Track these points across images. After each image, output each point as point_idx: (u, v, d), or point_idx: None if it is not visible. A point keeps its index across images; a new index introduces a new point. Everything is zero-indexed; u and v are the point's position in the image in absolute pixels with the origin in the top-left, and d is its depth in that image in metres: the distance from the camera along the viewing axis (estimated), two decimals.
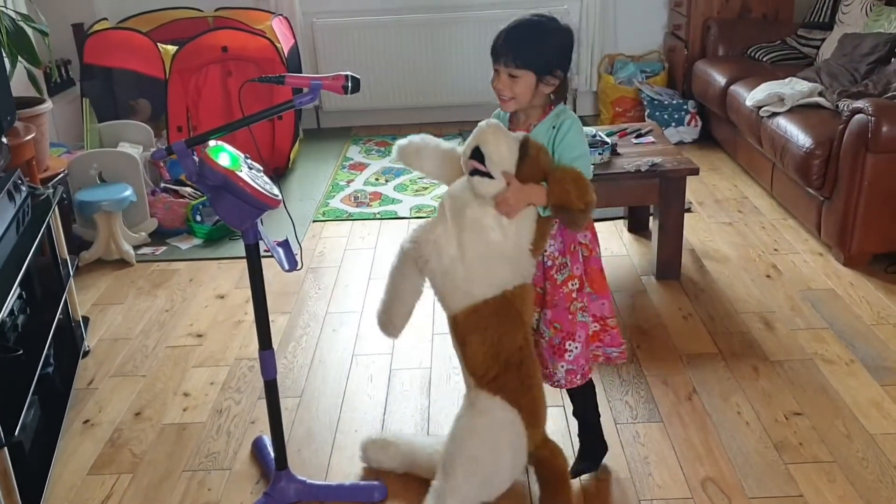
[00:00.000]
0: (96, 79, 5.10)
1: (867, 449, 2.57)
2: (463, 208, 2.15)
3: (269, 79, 2.17)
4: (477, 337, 2.21)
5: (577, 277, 2.31)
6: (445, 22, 5.88)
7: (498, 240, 2.14)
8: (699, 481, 2.47)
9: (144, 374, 3.15)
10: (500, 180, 2.10)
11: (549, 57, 2.20)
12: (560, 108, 2.25)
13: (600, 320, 2.40)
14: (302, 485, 2.47)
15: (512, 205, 2.11)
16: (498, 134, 2.12)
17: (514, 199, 2.11)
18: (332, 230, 4.43)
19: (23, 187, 2.99)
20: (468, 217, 2.14)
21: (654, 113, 5.46)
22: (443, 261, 2.15)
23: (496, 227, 2.13)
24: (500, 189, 2.11)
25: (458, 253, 2.15)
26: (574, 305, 2.31)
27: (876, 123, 3.46)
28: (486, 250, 2.15)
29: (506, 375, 2.24)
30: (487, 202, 2.13)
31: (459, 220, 2.15)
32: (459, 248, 2.15)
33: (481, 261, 2.15)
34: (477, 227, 2.14)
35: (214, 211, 2.14)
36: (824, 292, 3.53)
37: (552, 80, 2.20)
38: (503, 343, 2.22)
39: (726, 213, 4.39)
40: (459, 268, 2.15)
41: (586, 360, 2.38)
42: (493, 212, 2.12)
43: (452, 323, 2.25)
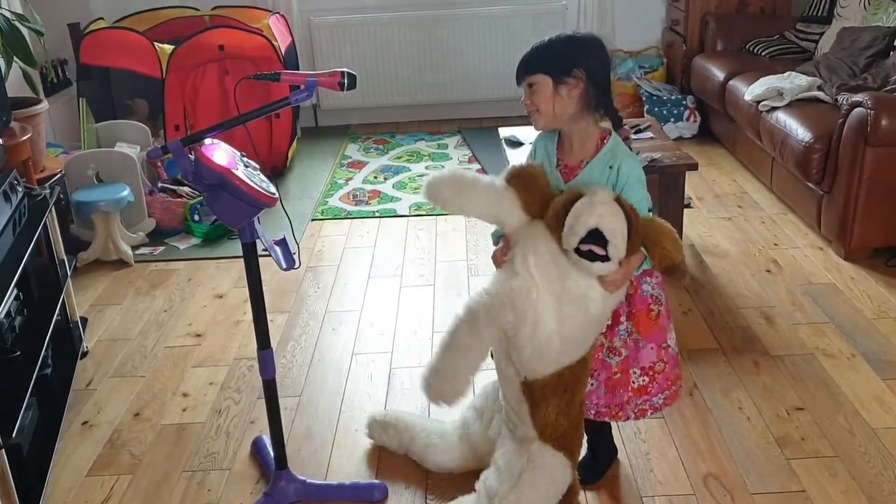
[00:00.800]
0: (93, 79, 5.08)
1: (869, 443, 2.56)
2: (563, 280, 1.98)
3: (265, 76, 2.16)
4: (555, 400, 2.10)
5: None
6: (443, 19, 5.87)
7: (597, 313, 2.03)
8: (701, 477, 2.46)
9: (143, 375, 3.14)
10: (615, 263, 1.95)
11: (562, 56, 2.06)
12: (614, 142, 2.11)
13: (648, 371, 2.26)
14: (302, 484, 2.45)
15: (619, 285, 2.00)
16: (616, 213, 1.93)
17: (623, 278, 2.00)
18: (330, 229, 4.42)
19: (19, 188, 2.97)
20: (571, 289, 1.98)
21: (653, 108, 5.45)
22: (538, 334, 1.99)
23: (598, 300, 2.00)
24: (612, 270, 1.96)
25: (556, 327, 1.99)
26: (597, 340, 2.18)
27: (875, 117, 3.45)
28: (585, 323, 2.03)
29: (572, 432, 2.18)
30: (590, 275, 1.97)
31: (559, 291, 1.98)
32: (559, 322, 1.99)
33: (579, 332, 2.03)
34: (580, 300, 1.99)
35: (211, 210, 2.12)
36: (825, 287, 3.52)
37: (572, 80, 2.04)
38: (575, 401, 2.15)
39: (726, 209, 4.38)
40: (556, 340, 2.00)
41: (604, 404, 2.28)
42: (597, 284, 1.98)
43: (528, 385, 2.10)
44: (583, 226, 1.91)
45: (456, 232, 4.25)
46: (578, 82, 2.05)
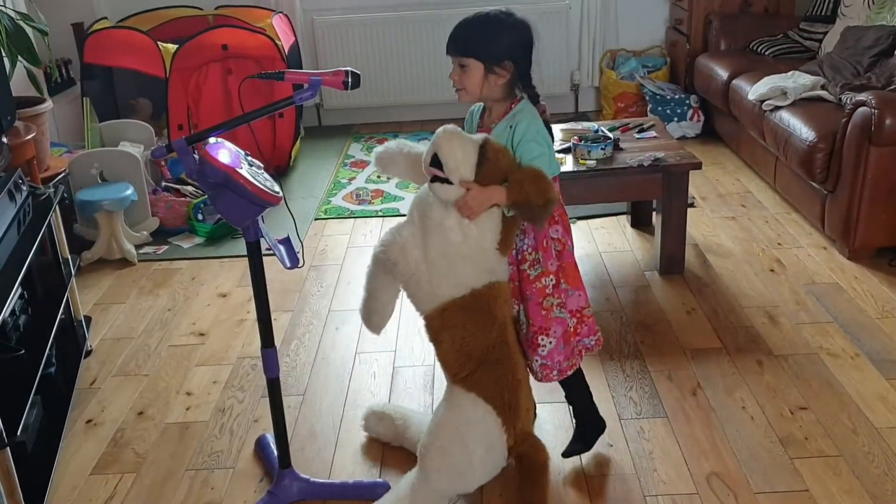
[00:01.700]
0: (97, 78, 5.09)
1: (873, 443, 2.56)
2: (427, 211, 2.21)
3: (269, 75, 2.17)
4: (447, 335, 2.26)
5: (552, 273, 2.34)
6: (447, 18, 5.86)
7: (458, 241, 2.18)
8: (704, 476, 2.46)
9: (147, 374, 3.15)
10: (458, 186, 2.14)
11: (497, 47, 2.22)
12: (519, 107, 2.28)
13: (576, 313, 2.42)
14: (305, 483, 2.46)
15: (473, 208, 2.14)
16: (453, 140, 2.15)
17: (473, 202, 2.14)
18: (334, 228, 4.42)
19: (23, 187, 2.98)
20: (431, 220, 2.19)
21: (657, 108, 5.45)
22: (409, 264, 2.20)
23: (457, 229, 2.17)
24: (460, 194, 2.15)
25: (422, 255, 2.20)
26: (548, 301, 2.35)
27: (879, 116, 3.44)
28: (448, 251, 2.19)
29: (480, 373, 2.28)
30: (447, 205, 2.17)
31: (424, 223, 2.21)
32: (424, 251, 2.20)
33: (444, 261, 2.20)
34: (439, 230, 2.18)
35: (215, 209, 2.13)
36: (828, 286, 3.52)
37: (501, 70, 2.22)
38: (475, 341, 2.26)
39: (729, 208, 4.38)
40: (424, 270, 2.20)
41: (565, 358, 2.41)
42: (455, 214, 2.16)
43: (425, 324, 2.31)
44: (427, 153, 2.19)
45: None
46: (507, 72, 2.24)
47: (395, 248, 2.20)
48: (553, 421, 2.72)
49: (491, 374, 2.28)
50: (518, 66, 2.25)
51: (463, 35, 2.28)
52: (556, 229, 2.36)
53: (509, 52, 2.23)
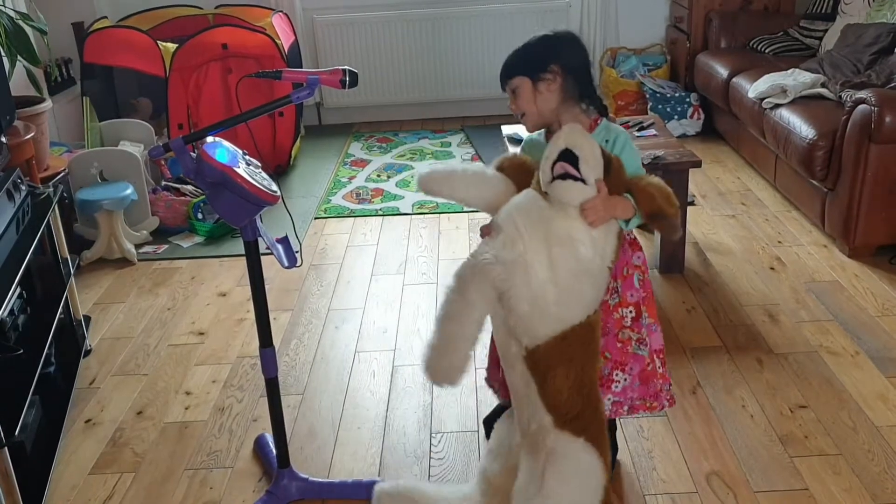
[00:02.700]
0: (97, 77, 5.09)
1: (873, 441, 2.56)
2: (546, 222, 1.93)
3: (267, 74, 2.17)
4: (562, 370, 1.97)
5: (631, 305, 2.20)
6: (447, 17, 5.86)
7: (588, 255, 1.93)
8: (704, 475, 2.45)
9: (146, 373, 3.15)
10: (591, 186, 1.91)
11: (536, 57, 2.12)
12: (605, 123, 2.15)
13: (660, 353, 2.27)
14: (304, 482, 2.46)
15: (601, 213, 1.92)
16: (588, 136, 1.95)
17: (603, 207, 1.92)
18: (333, 227, 4.42)
19: (22, 186, 2.98)
20: (556, 231, 1.92)
21: (657, 106, 5.44)
22: (532, 284, 1.90)
23: (587, 241, 1.92)
24: (591, 195, 1.92)
25: (549, 273, 1.91)
26: (625, 334, 2.20)
27: (879, 114, 3.43)
28: (577, 267, 1.93)
29: (588, 412, 2.02)
30: (572, 214, 1.92)
31: (545, 235, 1.92)
32: (550, 268, 1.91)
33: (574, 279, 1.93)
34: (567, 241, 1.92)
35: (213, 208, 2.12)
36: (829, 284, 3.51)
37: (549, 76, 2.10)
38: (587, 374, 2.01)
39: (730, 206, 4.37)
40: (551, 290, 1.91)
41: (640, 396, 2.26)
42: (582, 226, 1.92)
43: (531, 356, 1.99)
44: (554, 149, 1.93)
45: (459, 230, 4.25)
46: (555, 76, 2.11)
47: (515, 266, 1.90)
48: None
49: (596, 412, 2.04)
50: (569, 72, 2.11)
51: (506, 64, 2.17)
52: (639, 256, 2.22)
53: (551, 56, 2.11)
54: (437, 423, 2.77)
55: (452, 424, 2.76)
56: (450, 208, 4.50)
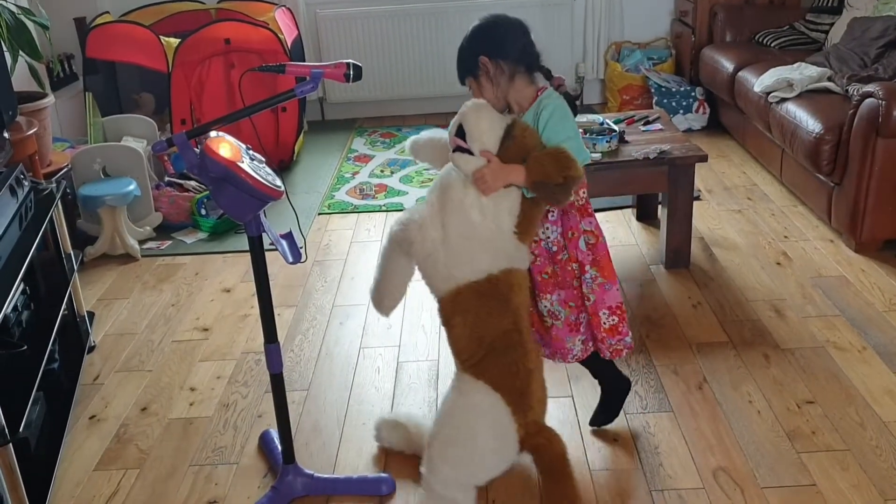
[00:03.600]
0: (99, 73, 5.08)
1: (880, 437, 2.54)
2: (447, 190, 2.20)
3: (270, 68, 2.15)
4: (459, 319, 2.24)
5: (575, 261, 2.38)
6: (450, 11, 5.84)
7: (478, 221, 2.16)
8: (711, 471, 2.44)
9: (150, 369, 3.14)
10: (479, 157, 2.15)
11: (465, 57, 2.32)
12: (546, 93, 2.27)
13: (616, 310, 2.44)
14: (309, 478, 2.45)
15: (489, 181, 2.13)
16: (480, 111, 2.18)
17: (490, 175, 2.13)
18: (337, 223, 4.41)
19: (25, 182, 2.97)
20: (451, 198, 2.18)
21: (662, 100, 5.42)
22: (426, 244, 2.18)
23: (476, 208, 2.16)
24: (479, 164, 2.14)
25: (441, 235, 2.18)
26: (577, 282, 2.40)
27: (887, 107, 3.41)
28: (467, 232, 2.17)
29: (490, 359, 2.25)
30: (467, 183, 2.17)
31: (444, 202, 2.19)
32: (443, 231, 2.18)
33: (463, 243, 2.18)
34: (459, 208, 2.17)
35: (217, 203, 2.11)
36: (835, 279, 3.50)
37: (481, 69, 2.26)
38: (487, 327, 2.23)
39: (735, 201, 4.36)
40: (441, 250, 2.18)
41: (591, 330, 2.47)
42: (474, 192, 2.15)
43: (439, 307, 2.29)
44: (453, 125, 2.21)
45: None
46: (486, 67, 2.27)
47: (413, 227, 2.18)
48: (558, 416, 2.70)
49: (501, 361, 2.25)
50: (492, 54, 2.26)
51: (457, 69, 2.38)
52: (590, 221, 2.37)
53: (475, 51, 2.29)
54: None
55: None
56: None
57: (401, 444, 2.59)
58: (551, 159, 2.11)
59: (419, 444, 2.51)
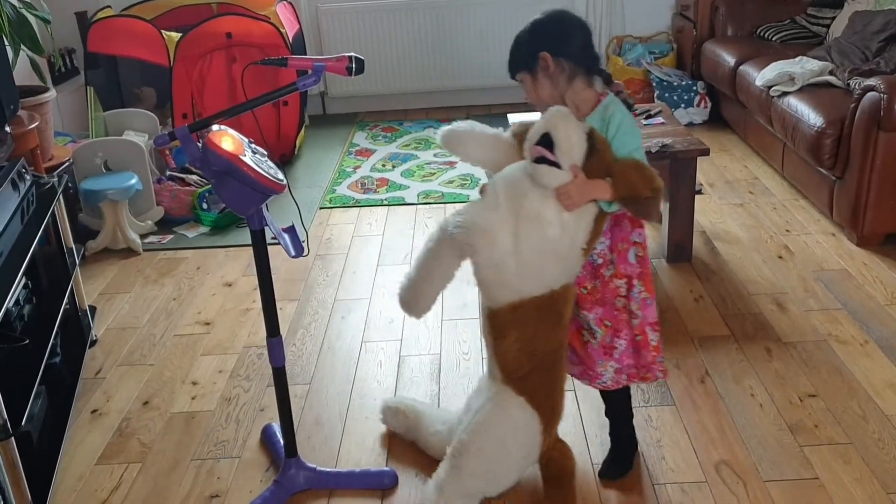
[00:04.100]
0: (101, 67, 5.08)
1: (883, 430, 2.54)
2: (521, 198, 2.02)
3: (272, 61, 2.14)
4: (515, 333, 2.12)
5: (624, 276, 2.23)
6: (452, 5, 5.83)
7: (555, 236, 2.01)
8: (713, 464, 2.44)
9: (152, 363, 3.14)
10: (567, 172, 1.98)
11: (525, 49, 2.18)
12: (608, 100, 2.16)
13: (656, 325, 2.31)
14: (312, 472, 2.45)
15: (574, 199, 1.99)
16: (569, 121, 2.01)
17: (577, 192, 1.98)
18: (339, 217, 4.41)
19: (27, 176, 2.97)
20: (527, 208, 2.00)
21: (664, 94, 5.42)
22: (494, 253, 2.02)
23: (556, 223, 2.00)
24: (566, 180, 1.98)
25: (512, 246, 2.01)
26: (620, 302, 2.25)
27: (888, 101, 3.41)
28: (542, 246, 2.02)
29: (535, 375, 2.17)
30: (548, 194, 2.00)
31: (517, 211, 2.01)
32: (515, 241, 2.01)
33: (535, 256, 2.03)
34: (536, 220, 2.00)
35: (219, 197, 2.11)
36: (837, 273, 3.50)
37: (541, 64, 2.14)
38: (539, 343, 2.14)
39: (737, 195, 4.35)
40: (511, 262, 2.02)
41: (633, 365, 2.31)
42: (555, 205, 1.99)
43: (491, 315, 2.15)
44: (535, 133, 2.03)
45: None
46: (546, 63, 2.14)
47: (481, 234, 2.00)
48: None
49: (546, 378, 2.19)
50: (562, 55, 2.14)
51: (509, 62, 2.23)
52: (640, 233, 2.25)
53: (539, 46, 2.14)
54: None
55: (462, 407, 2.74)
56: (455, 198, 4.48)
57: (399, 429, 2.63)
58: (637, 173, 2.00)
59: (416, 434, 2.56)
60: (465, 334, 3.19)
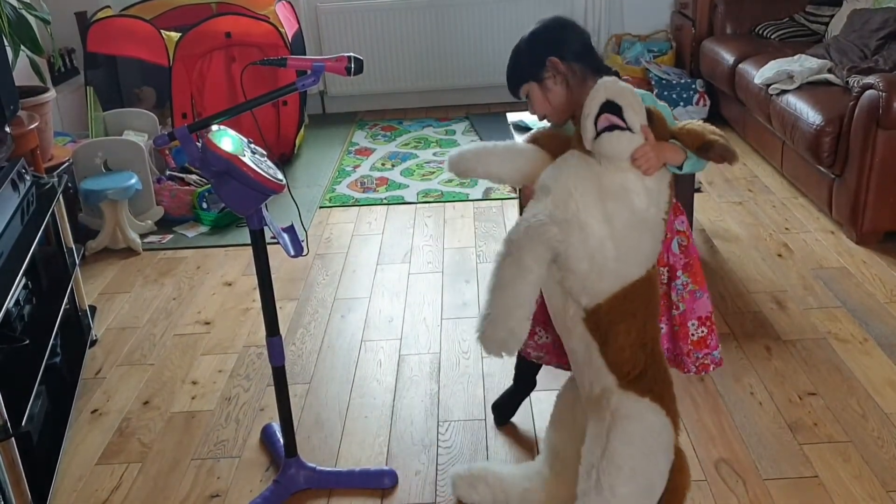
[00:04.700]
0: (100, 67, 5.08)
1: (882, 428, 2.54)
2: (597, 178, 1.88)
3: (272, 61, 2.15)
4: (624, 326, 1.93)
5: (665, 265, 2.15)
6: (451, 4, 5.84)
7: (643, 206, 1.89)
8: (713, 463, 2.44)
9: (152, 363, 3.14)
10: (639, 134, 1.87)
11: (529, 58, 2.12)
12: None
13: (706, 321, 2.21)
14: (312, 471, 2.45)
15: (653, 160, 1.87)
16: (626, 86, 1.90)
17: (654, 153, 1.88)
18: (338, 216, 4.41)
19: (27, 176, 2.97)
20: (608, 185, 1.87)
21: (663, 93, 5.41)
22: (589, 242, 1.86)
23: (641, 191, 1.88)
24: (640, 143, 1.87)
25: (606, 229, 1.87)
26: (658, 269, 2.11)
27: (887, 99, 3.41)
28: (634, 219, 1.88)
29: (652, 370, 1.97)
30: (623, 165, 1.88)
31: (597, 191, 1.88)
32: (607, 223, 1.87)
33: (631, 232, 1.88)
34: (622, 194, 1.87)
35: (218, 196, 2.11)
36: (836, 271, 3.50)
37: (550, 72, 2.08)
38: (648, 331, 1.97)
39: (736, 193, 4.36)
40: (609, 245, 1.87)
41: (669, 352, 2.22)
42: (634, 173, 1.87)
43: (592, 315, 1.94)
44: (594, 104, 1.88)
45: (464, 219, 4.24)
46: (556, 68, 2.08)
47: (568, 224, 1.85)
48: None
49: (660, 369, 1.99)
50: (569, 58, 2.08)
51: (508, 76, 2.18)
52: (682, 220, 2.17)
53: (544, 52, 2.08)
54: (445, 412, 2.76)
55: (459, 413, 2.75)
56: (454, 197, 4.49)
57: (485, 500, 2.31)
58: (701, 127, 1.93)
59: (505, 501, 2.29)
60: (465, 333, 3.20)
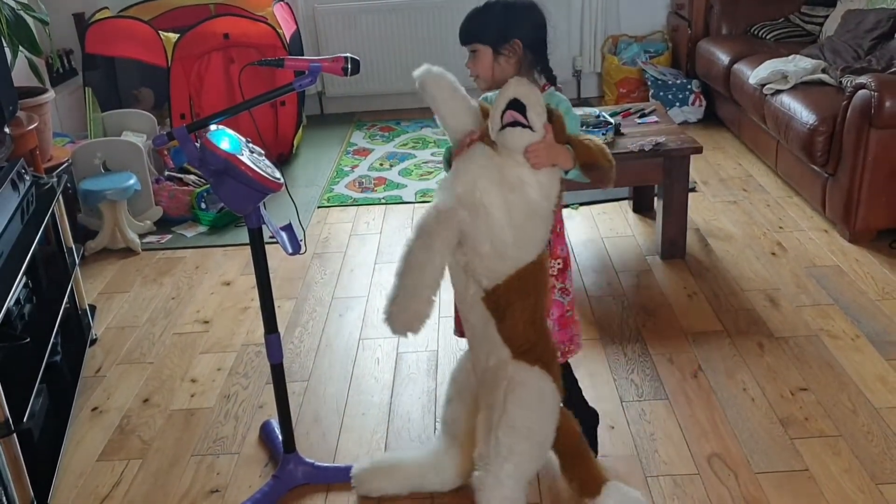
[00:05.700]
0: (99, 68, 5.10)
1: (872, 423, 2.58)
2: (498, 169, 2.04)
3: (269, 62, 2.17)
4: (519, 305, 2.11)
5: (561, 258, 2.30)
6: (449, 5, 5.85)
7: (537, 198, 2.06)
8: (705, 457, 2.48)
9: (152, 361, 3.17)
10: (538, 132, 2.02)
11: (501, 29, 2.17)
12: (551, 91, 2.23)
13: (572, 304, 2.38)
14: (310, 467, 2.48)
15: (542, 157, 2.02)
16: (533, 88, 2.05)
17: (545, 151, 2.03)
18: (336, 216, 4.44)
19: (26, 177, 2.99)
20: (508, 176, 2.04)
21: (658, 93, 5.45)
22: (492, 227, 2.03)
23: (534, 184, 2.04)
24: (537, 139, 2.02)
25: (506, 216, 2.03)
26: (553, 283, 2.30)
27: (879, 99, 3.44)
28: (528, 209, 2.06)
29: (541, 343, 2.17)
30: (520, 161, 2.03)
31: (499, 181, 2.04)
32: (507, 211, 2.03)
33: (527, 221, 2.06)
34: (518, 185, 2.04)
35: (217, 196, 2.14)
36: (829, 269, 3.53)
37: (509, 51, 2.16)
38: (538, 308, 2.15)
39: (731, 192, 4.39)
40: (508, 232, 2.04)
41: (563, 340, 2.34)
42: (529, 168, 2.03)
43: (490, 295, 2.11)
44: (503, 100, 2.02)
45: None
46: (516, 50, 2.17)
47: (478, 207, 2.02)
48: None
49: (549, 343, 2.20)
50: (529, 46, 2.18)
51: (470, 23, 2.23)
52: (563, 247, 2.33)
53: (515, 31, 2.17)
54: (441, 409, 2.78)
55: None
56: None
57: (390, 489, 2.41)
58: (593, 144, 2.08)
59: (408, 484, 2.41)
60: None
